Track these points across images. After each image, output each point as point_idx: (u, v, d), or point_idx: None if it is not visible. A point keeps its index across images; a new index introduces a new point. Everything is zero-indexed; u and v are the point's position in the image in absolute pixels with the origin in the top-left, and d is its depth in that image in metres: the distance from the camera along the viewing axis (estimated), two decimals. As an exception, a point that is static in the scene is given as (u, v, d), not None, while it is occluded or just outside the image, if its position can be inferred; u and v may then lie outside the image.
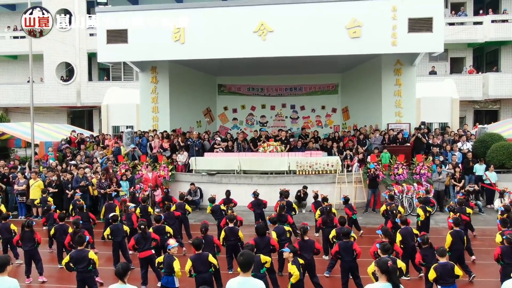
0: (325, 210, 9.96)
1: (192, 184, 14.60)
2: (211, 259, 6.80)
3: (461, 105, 20.31)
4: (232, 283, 4.80)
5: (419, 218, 10.30)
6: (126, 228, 9.32)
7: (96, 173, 14.28)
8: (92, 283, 7.18)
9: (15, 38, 26.59)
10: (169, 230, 9.06)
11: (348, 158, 15.37)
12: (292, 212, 10.75)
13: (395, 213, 9.51)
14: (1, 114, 23.91)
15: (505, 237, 7.37)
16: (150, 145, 16.61)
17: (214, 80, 21.50)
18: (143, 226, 8.20)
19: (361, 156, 15.19)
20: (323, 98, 21.13)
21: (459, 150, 15.57)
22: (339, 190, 14.10)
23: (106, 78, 27.31)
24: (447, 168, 14.56)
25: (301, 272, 6.67)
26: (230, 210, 10.66)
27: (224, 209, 10.83)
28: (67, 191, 13.84)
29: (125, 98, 20.82)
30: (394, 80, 17.18)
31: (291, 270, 6.52)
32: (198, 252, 6.83)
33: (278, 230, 8.45)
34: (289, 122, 21.41)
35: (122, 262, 5.61)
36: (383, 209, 10.68)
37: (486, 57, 26.33)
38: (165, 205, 10.76)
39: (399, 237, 8.17)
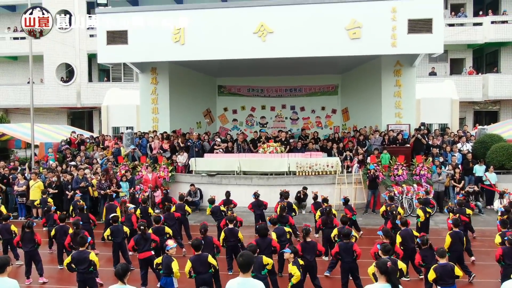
0: (325, 211, 9.96)
1: (192, 185, 14.62)
2: (211, 260, 6.79)
3: (461, 106, 20.32)
4: (231, 284, 4.80)
5: (419, 219, 10.30)
6: (126, 229, 9.32)
7: (96, 174, 14.27)
8: (93, 284, 7.18)
9: (15, 39, 26.61)
10: (168, 231, 9.06)
11: (348, 159, 15.37)
12: (292, 213, 10.77)
13: (395, 214, 9.51)
14: (1, 115, 23.92)
15: (506, 238, 7.38)
16: (150, 146, 16.62)
17: (214, 81, 21.52)
18: (143, 227, 8.20)
19: (361, 157, 15.20)
20: (323, 99, 21.14)
21: (459, 151, 15.57)
22: (339, 191, 14.11)
23: (106, 79, 27.33)
24: (447, 169, 14.55)
25: (301, 272, 6.67)
26: (230, 211, 10.66)
27: (224, 210, 10.83)
28: (67, 192, 13.84)
29: (125, 99, 20.84)
30: (394, 81, 17.19)
31: (292, 270, 6.51)
32: (197, 253, 6.83)
33: (278, 231, 8.45)
34: (289, 123, 21.42)
35: (122, 263, 5.60)
36: (383, 210, 10.68)
37: (486, 58, 26.33)
38: (165, 206, 10.76)
39: (399, 238, 8.17)
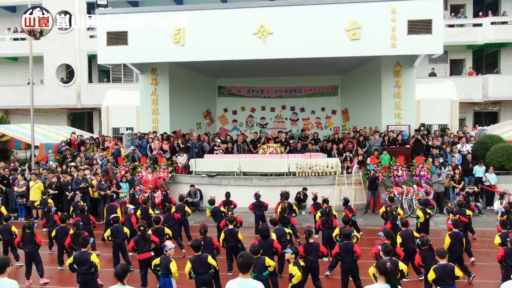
0: (325, 211, 9.97)
1: (192, 185, 14.63)
2: (211, 261, 6.80)
3: (460, 106, 20.32)
4: (231, 284, 4.81)
5: (419, 220, 10.29)
6: (126, 230, 9.31)
7: (96, 174, 14.27)
8: (94, 285, 7.18)
9: (15, 40, 26.65)
10: (168, 231, 9.07)
11: (347, 159, 15.38)
12: (292, 213, 10.76)
13: (395, 215, 9.52)
14: (1, 116, 23.93)
15: (509, 239, 7.37)
16: (150, 146, 16.63)
17: (214, 82, 21.54)
18: (143, 228, 8.20)
19: (360, 157, 15.21)
20: (323, 100, 21.16)
21: (459, 151, 15.57)
22: (339, 192, 14.12)
23: (106, 80, 27.34)
24: (447, 169, 14.55)
25: (302, 273, 6.66)
26: (230, 211, 10.66)
27: (224, 210, 10.83)
28: (67, 193, 13.84)
29: (125, 100, 20.84)
30: (393, 82, 17.21)
31: (293, 271, 6.51)
32: (197, 254, 6.83)
33: (278, 232, 8.43)
34: (289, 123, 21.43)
35: (122, 264, 5.61)
36: (383, 210, 10.67)
37: (485, 59, 26.35)
38: (165, 206, 10.76)
39: (399, 239, 8.17)
